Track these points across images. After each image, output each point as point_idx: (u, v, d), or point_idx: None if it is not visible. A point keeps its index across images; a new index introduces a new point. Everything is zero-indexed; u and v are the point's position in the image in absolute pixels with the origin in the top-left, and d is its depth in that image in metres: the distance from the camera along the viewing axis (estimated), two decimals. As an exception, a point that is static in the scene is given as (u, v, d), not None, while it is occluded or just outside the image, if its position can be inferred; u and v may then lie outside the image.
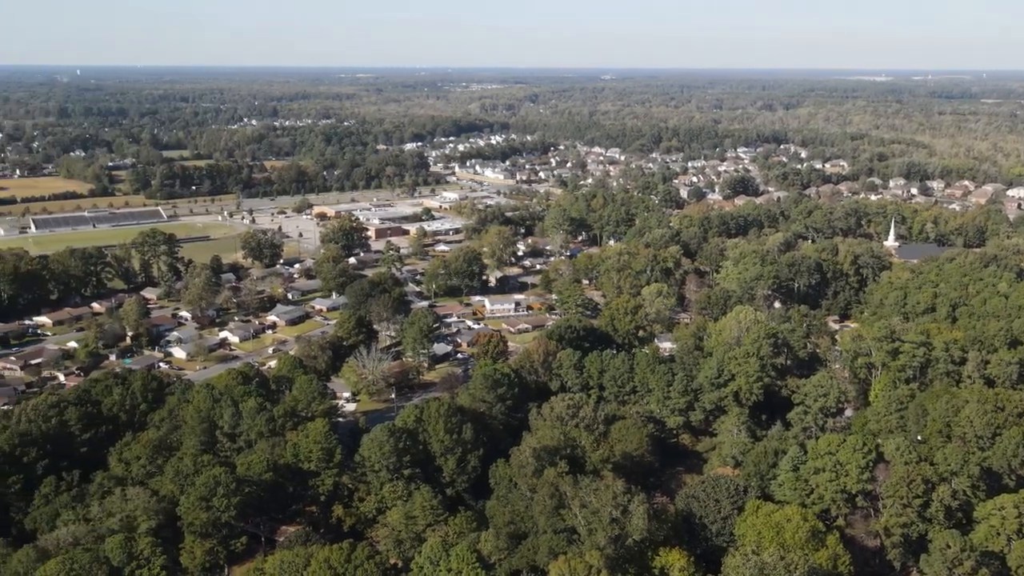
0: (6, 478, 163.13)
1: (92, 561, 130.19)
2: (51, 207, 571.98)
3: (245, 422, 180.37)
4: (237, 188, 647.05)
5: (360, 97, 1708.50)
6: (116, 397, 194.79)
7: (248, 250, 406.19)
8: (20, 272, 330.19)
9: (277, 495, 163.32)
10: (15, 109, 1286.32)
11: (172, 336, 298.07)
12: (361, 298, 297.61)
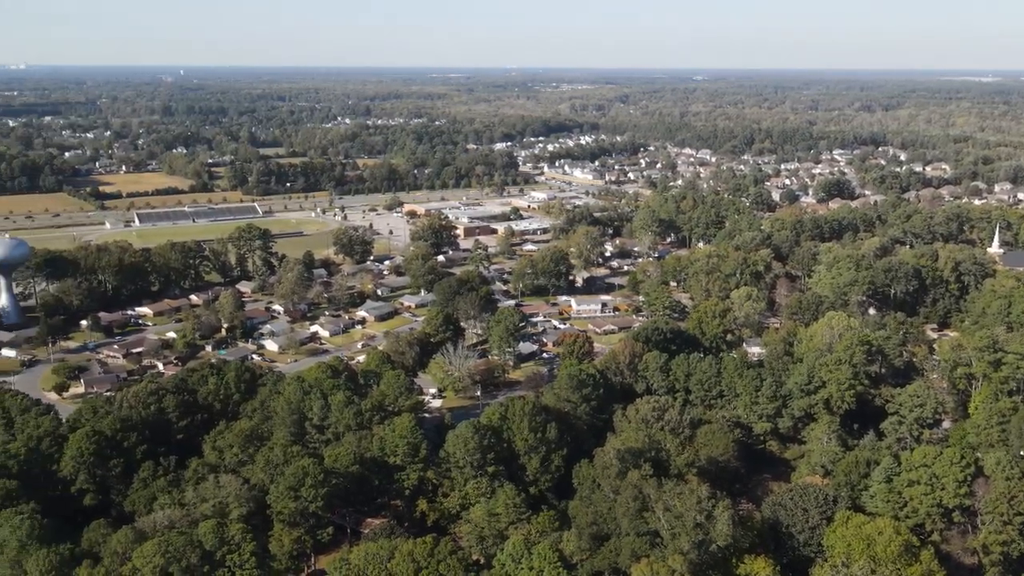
0: (108, 461, 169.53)
1: (186, 544, 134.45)
2: (154, 202, 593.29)
3: (334, 415, 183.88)
4: (330, 185, 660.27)
5: (451, 97, 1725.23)
6: (211, 387, 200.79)
7: (340, 246, 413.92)
8: (124, 264, 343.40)
9: (363, 488, 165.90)
10: (123, 108, 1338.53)
11: (265, 329, 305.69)
12: (449, 296, 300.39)
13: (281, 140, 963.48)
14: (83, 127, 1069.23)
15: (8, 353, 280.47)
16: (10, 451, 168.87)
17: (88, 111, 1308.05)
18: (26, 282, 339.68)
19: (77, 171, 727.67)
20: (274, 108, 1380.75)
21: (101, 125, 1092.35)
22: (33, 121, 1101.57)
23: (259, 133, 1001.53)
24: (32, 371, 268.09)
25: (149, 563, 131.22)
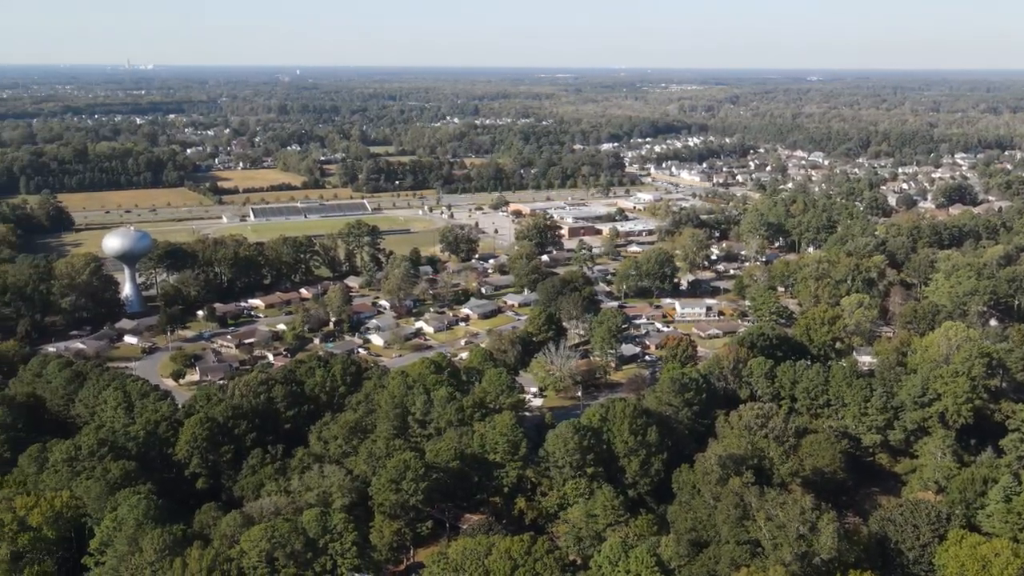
0: (219, 447, 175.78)
1: (291, 531, 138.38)
2: (268, 198, 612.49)
3: (436, 410, 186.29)
4: (437, 184, 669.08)
5: (559, 97, 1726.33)
6: (318, 379, 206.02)
7: (446, 244, 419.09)
8: (239, 257, 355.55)
9: (463, 483, 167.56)
10: (241, 106, 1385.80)
11: (371, 324, 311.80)
12: (552, 295, 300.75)
13: (391, 138, 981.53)
14: (204, 125, 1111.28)
15: (130, 340, 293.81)
16: (130, 433, 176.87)
17: (209, 109, 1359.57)
18: (148, 273, 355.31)
19: (198, 167, 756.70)
20: (385, 107, 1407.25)
21: (221, 123, 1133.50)
22: (158, 119, 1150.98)
23: (370, 131, 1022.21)
24: (152, 358, 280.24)
25: (256, 547, 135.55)
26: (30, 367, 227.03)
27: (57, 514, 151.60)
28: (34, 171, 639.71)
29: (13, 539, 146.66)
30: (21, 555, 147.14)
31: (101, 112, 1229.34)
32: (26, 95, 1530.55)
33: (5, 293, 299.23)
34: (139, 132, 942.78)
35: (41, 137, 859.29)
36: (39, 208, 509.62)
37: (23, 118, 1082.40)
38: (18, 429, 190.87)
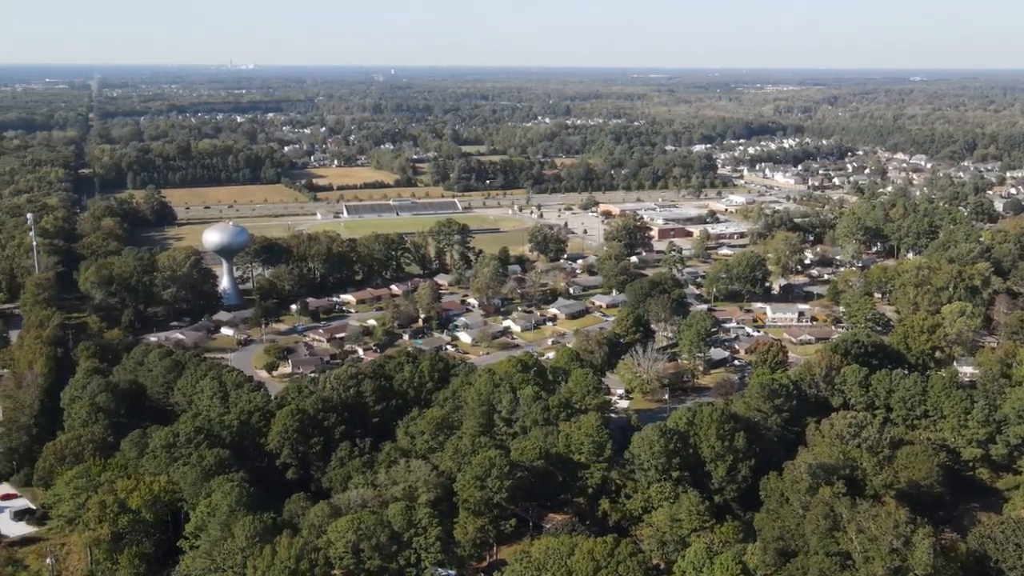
0: (309, 439, 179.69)
1: (377, 524, 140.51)
2: (361, 195, 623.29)
3: (522, 409, 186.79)
4: (528, 183, 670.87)
5: (651, 97, 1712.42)
6: (406, 374, 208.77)
7: (534, 244, 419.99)
8: (332, 253, 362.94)
9: (547, 483, 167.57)
10: (337, 105, 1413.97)
11: (460, 321, 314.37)
12: (640, 297, 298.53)
13: (482, 138, 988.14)
14: (301, 123, 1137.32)
15: (227, 332, 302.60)
16: (224, 422, 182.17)
17: (306, 108, 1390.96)
18: (245, 267, 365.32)
19: (294, 164, 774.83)
20: (477, 107, 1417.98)
21: (317, 121, 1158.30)
22: (258, 117, 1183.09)
23: (462, 131, 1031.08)
24: (247, 350, 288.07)
25: (342, 538, 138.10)
26: (133, 355, 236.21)
27: (155, 498, 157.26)
28: (141, 167, 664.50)
29: (114, 520, 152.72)
30: (121, 536, 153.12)
31: (204, 111, 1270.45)
32: (135, 94, 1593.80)
33: (111, 284, 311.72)
34: (239, 130, 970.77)
35: (148, 134, 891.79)
36: (144, 203, 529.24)
37: (132, 116, 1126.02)
38: (121, 415, 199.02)
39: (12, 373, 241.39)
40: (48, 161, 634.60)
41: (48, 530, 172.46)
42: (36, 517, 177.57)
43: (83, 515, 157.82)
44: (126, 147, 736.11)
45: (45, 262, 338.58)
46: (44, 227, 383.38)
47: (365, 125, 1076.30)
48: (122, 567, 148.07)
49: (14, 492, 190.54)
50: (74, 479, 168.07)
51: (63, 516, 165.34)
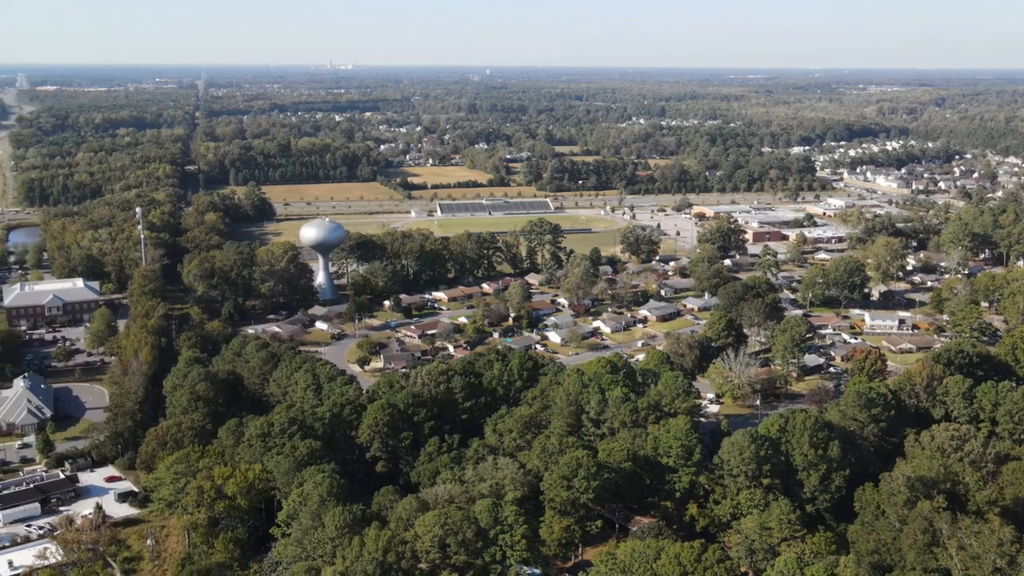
0: (399, 433, 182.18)
1: (463, 519, 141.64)
2: (455, 194, 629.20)
3: (610, 410, 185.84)
4: (621, 184, 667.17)
5: (748, 98, 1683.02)
6: (496, 372, 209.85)
7: (626, 245, 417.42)
8: (425, 251, 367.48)
9: (634, 485, 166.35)
10: (433, 105, 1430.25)
11: (549, 321, 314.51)
12: (733, 300, 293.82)
13: (576, 138, 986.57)
14: (397, 122, 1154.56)
15: (321, 326, 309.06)
16: (317, 414, 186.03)
17: (403, 108, 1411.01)
18: (340, 262, 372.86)
19: (389, 163, 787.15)
20: (571, 107, 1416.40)
21: (413, 121, 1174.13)
22: (355, 116, 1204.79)
23: (555, 131, 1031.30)
24: (340, 344, 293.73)
25: (429, 532, 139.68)
26: (231, 347, 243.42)
27: (250, 485, 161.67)
28: (243, 164, 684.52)
29: (211, 505, 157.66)
30: (217, 521, 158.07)
31: (304, 109, 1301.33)
32: (239, 94, 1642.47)
33: (213, 277, 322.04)
34: (337, 129, 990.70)
35: (250, 132, 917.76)
36: (245, 198, 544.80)
37: (235, 115, 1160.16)
38: (219, 403, 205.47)
39: (119, 360, 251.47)
40: (157, 158, 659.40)
41: (149, 512, 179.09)
42: (138, 499, 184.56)
43: (182, 499, 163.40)
44: (229, 144, 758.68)
45: (152, 255, 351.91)
46: (151, 221, 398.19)
47: (460, 124, 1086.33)
48: (217, 551, 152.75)
49: (119, 475, 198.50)
50: (174, 464, 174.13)
51: (163, 499, 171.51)
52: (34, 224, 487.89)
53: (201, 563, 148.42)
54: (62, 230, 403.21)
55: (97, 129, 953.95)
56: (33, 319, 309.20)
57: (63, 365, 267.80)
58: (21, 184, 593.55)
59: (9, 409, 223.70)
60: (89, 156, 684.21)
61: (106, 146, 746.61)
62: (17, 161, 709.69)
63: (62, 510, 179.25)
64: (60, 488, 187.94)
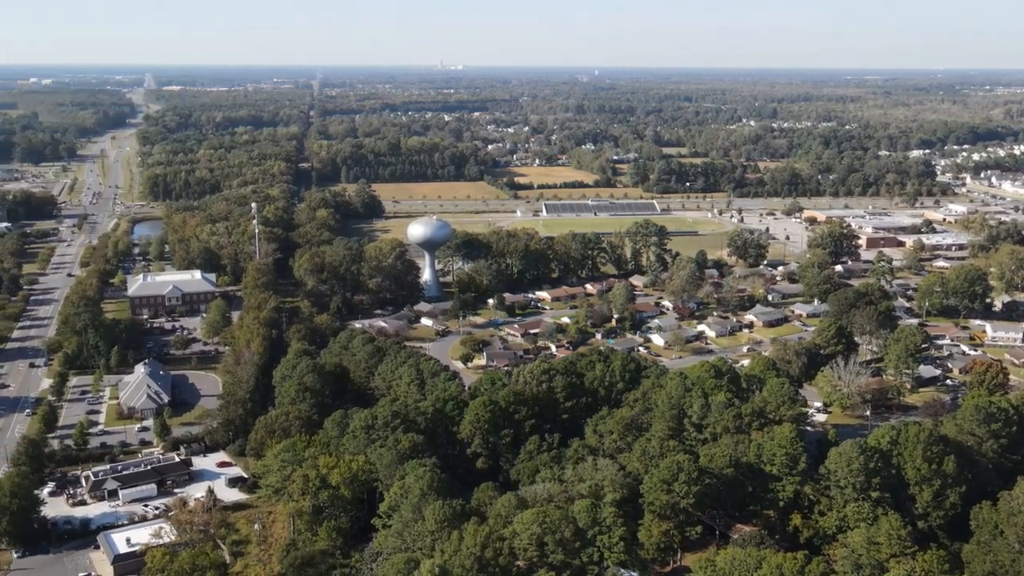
0: (500, 430, 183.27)
1: (562, 519, 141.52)
2: (560, 194, 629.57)
3: (712, 415, 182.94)
4: (729, 187, 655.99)
5: (865, 100, 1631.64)
6: (597, 373, 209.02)
7: (733, 248, 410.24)
8: (529, 250, 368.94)
9: (736, 492, 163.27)
10: (541, 105, 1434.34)
11: (653, 323, 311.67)
12: (844, 307, 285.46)
13: (684, 140, 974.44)
14: (505, 123, 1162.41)
15: (426, 322, 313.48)
16: (420, 409, 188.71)
17: (511, 108, 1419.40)
18: (446, 260, 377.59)
19: (496, 162, 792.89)
20: (680, 108, 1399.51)
21: (521, 121, 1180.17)
22: (464, 116, 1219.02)
23: (663, 132, 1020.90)
24: (444, 340, 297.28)
25: (528, 530, 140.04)
26: (339, 340, 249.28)
27: (353, 476, 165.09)
28: (354, 162, 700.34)
29: (316, 494, 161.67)
30: (321, 509, 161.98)
31: (414, 109, 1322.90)
32: (352, 93, 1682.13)
33: (323, 271, 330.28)
34: (446, 128, 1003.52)
35: (362, 131, 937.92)
36: (356, 196, 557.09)
37: (348, 114, 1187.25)
38: (325, 395, 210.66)
39: (232, 350, 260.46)
40: (272, 155, 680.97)
41: (257, 498, 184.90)
42: (247, 485, 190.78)
43: (288, 487, 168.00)
44: (341, 143, 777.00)
45: (265, 249, 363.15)
46: (266, 216, 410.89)
47: (567, 125, 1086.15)
48: (321, 539, 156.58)
49: (229, 460, 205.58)
50: (282, 452, 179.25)
51: (271, 486, 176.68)
52: (157, 218, 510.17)
53: (305, 550, 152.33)
54: (183, 224, 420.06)
55: (217, 127, 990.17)
56: (154, 308, 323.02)
57: (180, 353, 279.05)
58: (146, 179, 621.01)
59: (130, 394, 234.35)
60: (209, 153, 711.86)
61: (225, 144, 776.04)
62: (143, 157, 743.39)
63: (176, 492, 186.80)
64: (175, 471, 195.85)
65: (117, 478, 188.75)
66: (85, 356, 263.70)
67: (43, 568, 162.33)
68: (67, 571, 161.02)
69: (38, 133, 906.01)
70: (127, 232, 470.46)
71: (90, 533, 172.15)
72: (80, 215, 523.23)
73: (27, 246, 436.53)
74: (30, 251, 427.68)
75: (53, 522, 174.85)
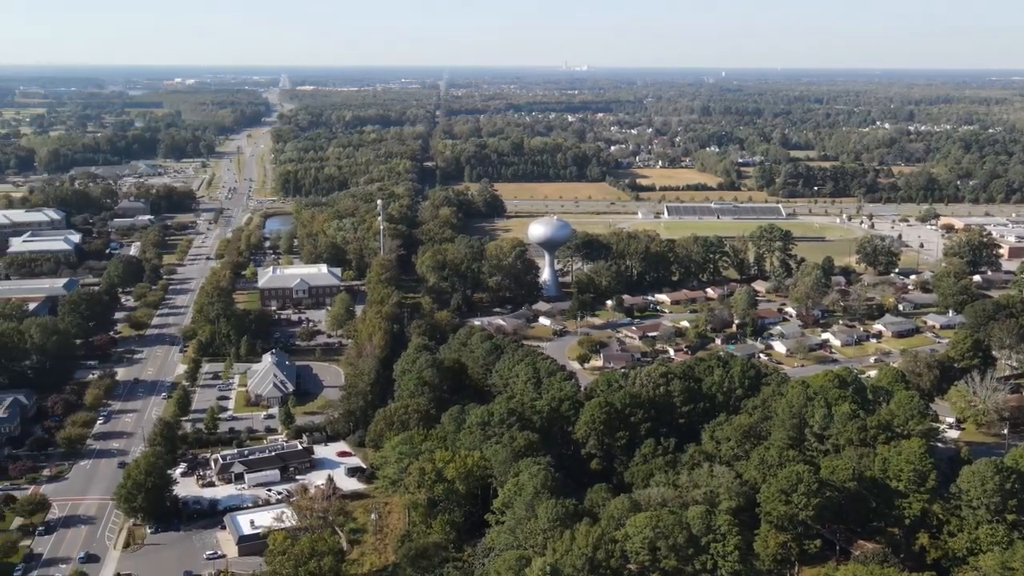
0: (615, 432, 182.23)
1: (675, 524, 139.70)
2: (683, 196, 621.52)
3: (836, 426, 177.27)
4: (860, 192, 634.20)
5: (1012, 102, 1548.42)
6: (716, 378, 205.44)
7: (862, 255, 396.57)
8: (650, 252, 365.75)
9: (858, 507, 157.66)
10: (665, 107, 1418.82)
11: (775, 330, 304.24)
12: (982, 319, 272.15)
13: (813, 143, 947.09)
14: (629, 124, 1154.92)
15: (544, 322, 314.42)
16: (536, 407, 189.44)
17: (635, 109, 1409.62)
18: (565, 260, 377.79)
19: (619, 164, 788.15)
20: (810, 110, 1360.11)
21: (644, 122, 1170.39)
22: (587, 117, 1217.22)
23: (791, 135, 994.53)
24: (561, 340, 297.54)
25: (640, 533, 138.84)
26: (458, 336, 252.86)
27: (468, 471, 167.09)
28: (477, 161, 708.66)
29: (431, 487, 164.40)
30: (436, 502, 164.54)
31: (538, 110, 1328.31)
32: (477, 93, 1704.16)
33: (444, 269, 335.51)
34: (569, 129, 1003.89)
35: (485, 131, 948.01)
36: (478, 195, 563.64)
37: (472, 114, 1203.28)
38: (443, 390, 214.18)
39: (355, 343, 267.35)
40: (398, 154, 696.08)
41: (374, 488, 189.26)
42: (365, 475, 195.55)
43: (405, 479, 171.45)
44: (465, 142, 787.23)
45: (389, 245, 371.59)
46: (390, 213, 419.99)
47: (691, 127, 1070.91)
48: (435, 531, 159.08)
49: (349, 450, 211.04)
50: (399, 445, 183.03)
51: (388, 477, 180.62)
52: (288, 213, 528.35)
53: (419, 541, 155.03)
54: (311, 219, 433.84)
55: (346, 126, 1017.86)
56: (282, 300, 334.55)
57: (306, 344, 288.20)
58: (279, 176, 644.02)
59: (258, 382, 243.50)
60: (338, 151, 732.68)
61: (353, 142, 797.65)
62: (276, 154, 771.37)
63: (298, 478, 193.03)
64: (298, 458, 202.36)
65: (244, 462, 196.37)
66: (217, 344, 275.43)
67: (173, 544, 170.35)
68: (195, 549, 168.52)
69: (181, 131, 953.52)
70: (259, 226, 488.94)
71: (217, 514, 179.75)
72: (216, 209, 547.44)
73: (167, 238, 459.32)
74: (170, 242, 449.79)
75: (184, 501, 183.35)
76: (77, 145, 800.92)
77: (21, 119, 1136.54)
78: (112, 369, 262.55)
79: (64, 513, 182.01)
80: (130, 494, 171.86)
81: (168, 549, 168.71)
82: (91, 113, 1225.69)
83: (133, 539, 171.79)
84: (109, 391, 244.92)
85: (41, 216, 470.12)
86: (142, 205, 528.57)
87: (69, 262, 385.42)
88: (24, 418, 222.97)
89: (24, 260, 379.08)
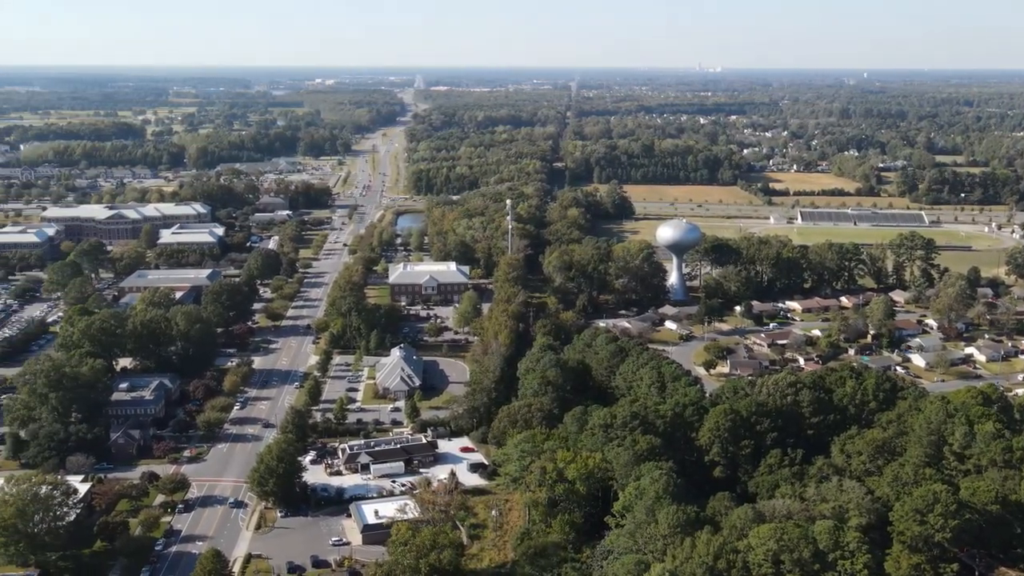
0: (740, 440, 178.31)
1: (800, 538, 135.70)
2: (818, 201, 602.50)
3: (978, 445, 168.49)
4: (1012, 199, 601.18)
5: None
6: (848, 390, 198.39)
7: (1013, 266, 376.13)
8: (781, 258, 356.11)
9: (1001, 531, 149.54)
10: (802, 109, 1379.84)
11: (914, 342, 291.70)
12: None
13: (961, 147, 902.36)
14: (763, 126, 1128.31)
15: (670, 326, 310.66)
16: (659, 412, 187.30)
17: (769, 111, 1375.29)
18: (694, 264, 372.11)
19: (751, 167, 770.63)
20: (958, 113, 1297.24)
21: (779, 125, 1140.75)
22: (720, 119, 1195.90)
23: (937, 139, 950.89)
24: (687, 345, 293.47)
25: (763, 545, 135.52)
26: (582, 337, 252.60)
27: (589, 472, 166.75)
28: (607, 163, 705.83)
29: (552, 486, 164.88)
30: (556, 502, 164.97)
31: (669, 111, 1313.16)
32: (608, 95, 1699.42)
33: (571, 269, 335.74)
34: (700, 131, 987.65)
35: (616, 132, 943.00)
36: (606, 196, 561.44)
37: (603, 115, 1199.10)
38: (567, 390, 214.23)
39: (480, 340, 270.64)
40: (528, 154, 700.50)
41: (495, 485, 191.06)
42: (487, 472, 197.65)
43: (526, 477, 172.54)
44: (595, 144, 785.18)
45: (517, 244, 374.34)
46: (519, 213, 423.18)
47: (829, 130, 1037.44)
48: (554, 531, 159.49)
49: (472, 446, 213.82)
50: (522, 443, 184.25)
51: (509, 475, 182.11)
52: (419, 211, 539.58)
53: (538, 540, 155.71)
54: (441, 217, 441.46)
55: (478, 126, 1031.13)
56: (411, 296, 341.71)
57: (433, 340, 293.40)
58: (411, 174, 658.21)
59: (386, 375, 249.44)
60: (469, 151, 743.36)
61: (485, 142, 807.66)
62: (409, 153, 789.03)
63: (421, 472, 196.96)
64: (422, 452, 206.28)
65: (370, 453, 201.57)
66: (348, 337, 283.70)
67: (302, 529, 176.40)
68: (321, 534, 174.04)
69: (319, 129, 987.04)
70: (391, 223, 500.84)
71: (343, 502, 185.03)
72: (351, 206, 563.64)
73: (304, 232, 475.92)
74: (306, 237, 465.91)
75: (312, 488, 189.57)
76: (223, 143, 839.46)
77: (174, 117, 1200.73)
78: (249, 357, 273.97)
79: (202, 493, 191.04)
80: (263, 478, 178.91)
81: (296, 533, 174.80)
82: (237, 112, 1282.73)
83: (264, 521, 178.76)
84: (246, 378, 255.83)
85: (189, 210, 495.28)
86: (281, 201, 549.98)
87: (213, 254, 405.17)
88: (168, 401, 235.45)
89: (172, 251, 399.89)
